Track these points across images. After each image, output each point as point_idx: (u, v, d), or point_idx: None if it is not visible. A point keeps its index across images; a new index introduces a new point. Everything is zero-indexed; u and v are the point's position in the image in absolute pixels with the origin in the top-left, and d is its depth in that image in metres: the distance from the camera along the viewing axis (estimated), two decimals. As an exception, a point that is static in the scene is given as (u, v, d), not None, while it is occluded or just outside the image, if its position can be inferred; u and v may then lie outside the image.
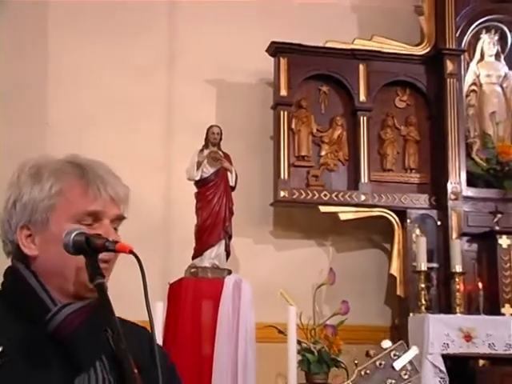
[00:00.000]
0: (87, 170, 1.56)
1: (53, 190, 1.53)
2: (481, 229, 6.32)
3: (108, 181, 1.56)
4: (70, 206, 1.52)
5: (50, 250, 1.52)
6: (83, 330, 1.48)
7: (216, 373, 5.24)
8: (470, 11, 6.70)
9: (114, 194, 1.55)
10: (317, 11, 6.58)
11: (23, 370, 1.43)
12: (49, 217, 1.53)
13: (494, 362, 5.73)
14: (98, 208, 1.52)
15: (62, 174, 1.55)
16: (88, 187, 1.53)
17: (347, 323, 5.86)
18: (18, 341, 1.46)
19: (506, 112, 6.89)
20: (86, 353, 1.48)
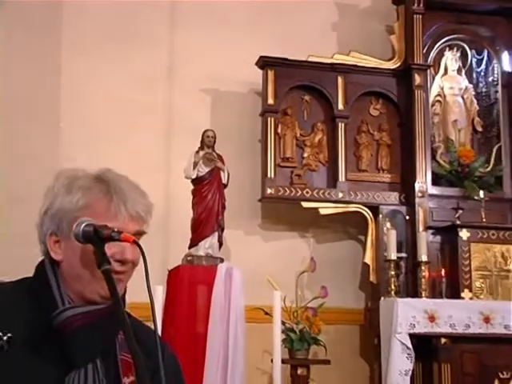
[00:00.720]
0: (112, 188, 1.55)
1: (80, 203, 1.53)
2: (444, 223, 6.31)
3: (131, 198, 1.55)
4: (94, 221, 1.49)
5: (71, 257, 1.53)
6: (82, 332, 1.47)
7: (209, 349, 5.20)
8: (435, 31, 6.70)
9: (135, 212, 1.55)
10: (300, 29, 6.56)
11: (24, 358, 1.43)
12: (72, 227, 1.50)
13: (454, 340, 5.67)
14: (117, 225, 1.49)
15: (89, 189, 1.55)
16: (111, 204, 1.53)
17: (326, 306, 5.88)
18: (27, 330, 1.47)
19: (466, 120, 6.87)
20: (80, 353, 1.47)
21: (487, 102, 6.94)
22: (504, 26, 6.85)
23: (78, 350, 1.46)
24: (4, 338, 1.42)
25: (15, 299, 1.54)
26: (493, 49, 6.88)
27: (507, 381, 5.70)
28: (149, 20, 6.50)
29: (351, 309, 6.36)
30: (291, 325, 5.66)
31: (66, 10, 6.39)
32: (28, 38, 6.20)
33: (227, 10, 6.55)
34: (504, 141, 6.74)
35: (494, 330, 5.69)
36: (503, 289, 6.14)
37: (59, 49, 6.34)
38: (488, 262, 6.16)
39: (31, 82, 6.13)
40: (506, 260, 6.19)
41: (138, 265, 1.54)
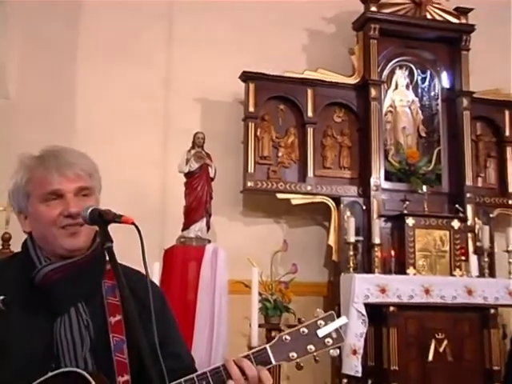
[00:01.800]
0: (46, 159, 1.53)
1: (24, 179, 1.53)
2: (394, 212, 6.29)
3: (63, 163, 1.52)
4: (37, 191, 1.51)
5: (35, 226, 1.53)
6: (61, 283, 1.47)
7: (198, 315, 5.20)
8: (388, 53, 6.67)
9: (71, 173, 1.51)
10: (277, 49, 6.48)
11: (18, 314, 1.44)
12: (27, 202, 1.54)
13: (400, 308, 5.69)
14: (54, 187, 1.49)
15: (28, 166, 1.54)
16: (45, 172, 1.50)
17: (296, 280, 5.86)
18: (18, 292, 1.47)
19: (412, 127, 6.87)
20: (61, 301, 1.47)
21: (430, 112, 6.93)
22: (443, 51, 6.84)
23: (58, 298, 1.46)
24: (1, 300, 1.43)
25: (6, 269, 1.54)
26: (434, 69, 6.87)
27: (442, 340, 5.72)
28: (149, 40, 6.42)
29: (317, 282, 6.33)
30: (267, 296, 5.63)
31: (82, 29, 6.29)
32: (46, 52, 6.05)
33: (216, 31, 6.47)
34: (443, 145, 6.74)
35: (432, 299, 5.73)
36: (440, 266, 6.15)
37: (74, 63, 6.23)
38: (429, 245, 6.17)
39: (48, 92, 6.00)
40: (443, 243, 6.20)
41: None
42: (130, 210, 1.51)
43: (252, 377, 1.37)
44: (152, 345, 1.31)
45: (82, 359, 1.42)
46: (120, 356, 1.45)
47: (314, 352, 1.43)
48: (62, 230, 1.48)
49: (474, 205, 6.52)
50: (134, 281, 1.50)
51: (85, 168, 1.56)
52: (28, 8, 6.07)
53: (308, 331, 1.44)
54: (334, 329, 1.45)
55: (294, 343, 1.43)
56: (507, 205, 6.83)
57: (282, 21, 6.63)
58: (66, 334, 1.43)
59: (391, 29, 6.59)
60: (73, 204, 1.48)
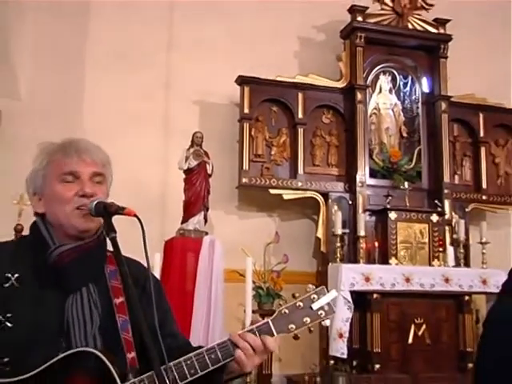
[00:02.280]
0: (66, 145, 1.53)
1: (43, 162, 1.52)
2: (378, 206, 6.26)
3: (83, 149, 1.52)
4: (55, 171, 1.50)
5: (50, 206, 1.50)
6: (74, 264, 1.44)
7: (196, 302, 5.18)
8: (373, 60, 6.63)
9: (87, 157, 1.51)
10: (270, 55, 6.42)
11: (31, 291, 1.42)
12: (45, 183, 1.52)
13: (383, 296, 5.68)
14: (72, 168, 1.48)
15: (49, 151, 1.54)
16: (65, 155, 1.50)
17: (287, 269, 5.85)
18: (31, 270, 1.45)
19: (395, 128, 6.85)
20: (73, 280, 1.45)
21: (411, 114, 6.90)
22: (423, 58, 6.81)
23: (71, 278, 1.44)
24: (13, 278, 1.41)
25: (18, 249, 1.51)
26: (415, 75, 6.84)
27: (420, 325, 5.75)
28: (151, 45, 6.35)
29: (306, 272, 6.28)
30: (260, 284, 5.63)
31: (89, 34, 6.23)
32: (55, 56, 6.00)
33: (213, 38, 6.41)
34: (423, 144, 6.72)
35: (412, 287, 5.72)
36: (420, 257, 6.13)
37: (82, 67, 6.17)
38: (409, 237, 6.14)
39: (57, 93, 5.92)
40: (422, 235, 6.18)
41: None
42: (133, 204, 1.46)
43: (257, 346, 1.41)
44: (152, 326, 1.31)
45: (91, 337, 1.41)
46: (126, 335, 1.45)
47: (309, 323, 1.47)
48: (76, 211, 1.45)
49: (451, 200, 6.51)
50: (133, 269, 1.50)
51: (100, 157, 1.55)
52: (39, 15, 6.02)
53: (303, 305, 1.48)
54: (326, 302, 1.50)
55: (291, 316, 1.46)
56: (481, 200, 6.83)
57: (275, 29, 6.58)
58: (78, 312, 1.42)
59: (376, 37, 6.56)
60: (88, 185, 1.47)
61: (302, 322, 1.45)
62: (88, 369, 1.32)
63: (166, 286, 5.02)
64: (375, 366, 5.52)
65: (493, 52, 7.22)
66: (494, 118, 7.01)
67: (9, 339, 1.34)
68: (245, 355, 1.39)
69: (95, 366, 1.32)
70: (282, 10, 6.61)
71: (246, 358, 1.39)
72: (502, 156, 7.06)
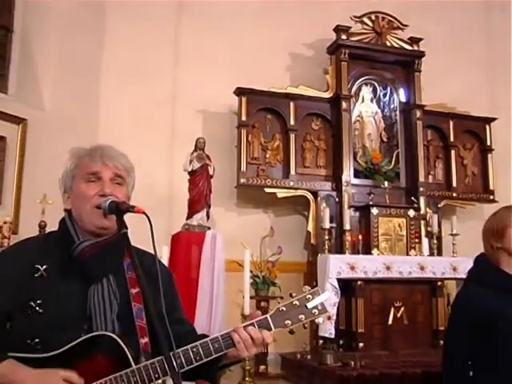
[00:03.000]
0: (93, 150, 1.53)
1: (73, 165, 1.53)
2: (361, 203, 6.21)
3: (107, 155, 1.52)
4: (81, 172, 1.51)
5: (75, 203, 1.51)
6: (94, 258, 1.44)
7: (200, 289, 5.15)
8: (356, 73, 6.59)
9: (110, 162, 1.51)
10: (265, 69, 6.34)
11: (57, 281, 1.42)
12: (73, 182, 1.52)
13: (366, 282, 5.64)
14: (95, 169, 1.49)
15: (78, 155, 1.54)
16: (91, 158, 1.51)
17: (281, 260, 5.81)
18: (57, 262, 1.45)
19: (376, 133, 6.80)
20: (94, 273, 1.45)
21: (390, 121, 6.84)
22: (400, 72, 6.76)
23: (93, 269, 1.44)
24: (42, 269, 1.42)
25: (47, 243, 1.51)
26: (393, 86, 6.79)
27: (399, 308, 5.73)
28: (160, 61, 6.30)
29: (298, 262, 6.24)
30: (257, 273, 5.58)
31: (105, 51, 6.19)
32: (75, 72, 5.90)
33: (215, 54, 6.34)
34: (400, 148, 6.67)
35: (392, 274, 5.68)
36: (399, 248, 6.09)
37: (98, 81, 6.12)
38: (389, 230, 6.10)
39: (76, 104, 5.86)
40: (401, 228, 6.14)
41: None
42: (143, 202, 1.46)
43: (257, 338, 1.40)
44: (160, 312, 1.32)
45: (110, 322, 1.41)
46: (140, 321, 1.44)
47: (304, 320, 1.45)
48: (95, 209, 1.45)
49: (426, 197, 6.47)
50: (147, 260, 1.50)
51: (123, 163, 1.55)
52: (62, 34, 5.96)
53: (299, 304, 1.45)
54: (320, 302, 1.46)
55: (288, 313, 1.44)
56: (452, 197, 6.82)
57: (269, 46, 6.49)
58: (99, 300, 1.42)
59: (358, 53, 6.50)
60: (107, 186, 1.47)
61: (297, 319, 1.43)
62: (106, 350, 1.33)
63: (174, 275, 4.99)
64: (359, 344, 5.49)
65: (462, 66, 7.21)
66: (463, 124, 6.99)
67: (39, 323, 1.35)
68: (245, 345, 1.39)
69: (112, 348, 1.33)
70: (275, 29, 6.54)
71: (245, 347, 1.39)
72: (469, 158, 7.05)
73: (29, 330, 1.35)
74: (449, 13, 7.29)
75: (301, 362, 5.32)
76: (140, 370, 1.32)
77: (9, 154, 5.54)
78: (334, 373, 4.70)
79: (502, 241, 2.01)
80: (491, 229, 2.05)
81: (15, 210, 5.47)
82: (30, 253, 1.45)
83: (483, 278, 2.01)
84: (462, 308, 2.03)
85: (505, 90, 7.39)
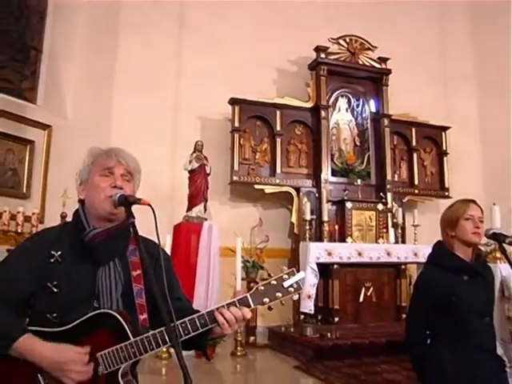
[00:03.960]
0: (109, 150, 1.53)
1: (90, 160, 1.52)
2: (337, 198, 6.19)
3: (121, 154, 1.52)
4: (98, 167, 1.50)
5: (89, 193, 1.49)
6: (102, 244, 1.43)
7: (198, 272, 5.12)
8: (333, 87, 6.58)
9: (122, 159, 1.50)
10: (255, 82, 6.30)
11: (70, 265, 1.41)
12: (89, 176, 1.50)
13: (342, 266, 5.64)
14: (109, 165, 1.48)
15: (96, 153, 1.53)
16: (107, 156, 1.51)
17: (268, 247, 5.77)
18: (71, 248, 1.44)
19: (350, 138, 6.79)
20: (102, 257, 1.44)
21: (362, 128, 6.82)
22: (370, 86, 6.77)
23: (101, 254, 1.43)
24: (56, 255, 1.41)
25: (62, 231, 1.49)
26: (365, 98, 6.78)
27: (369, 287, 5.76)
28: (164, 75, 6.24)
29: (283, 248, 6.22)
30: (247, 258, 5.52)
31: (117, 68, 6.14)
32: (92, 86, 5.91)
33: (212, 69, 6.28)
34: (371, 151, 6.67)
35: (363, 259, 5.69)
36: (369, 236, 6.10)
37: (112, 93, 6.07)
38: (361, 221, 6.10)
39: (93, 113, 5.82)
40: (371, 220, 6.15)
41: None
42: (149, 197, 1.41)
43: (238, 316, 1.38)
44: (162, 290, 1.32)
45: (115, 300, 1.41)
46: (140, 300, 1.43)
47: (281, 298, 1.41)
48: (107, 198, 1.44)
49: (392, 193, 6.47)
50: (150, 247, 1.48)
51: (132, 163, 1.54)
52: (82, 52, 5.94)
53: (277, 283, 1.41)
54: (295, 281, 1.41)
55: (266, 292, 1.40)
56: (414, 193, 6.84)
57: (258, 62, 6.45)
58: (106, 280, 1.42)
59: (335, 70, 6.50)
60: (119, 180, 1.47)
61: (274, 297, 1.39)
62: (109, 326, 1.34)
63: (175, 260, 4.93)
64: (335, 318, 5.50)
65: (422, 82, 7.23)
66: (423, 131, 7.01)
67: (56, 300, 1.37)
68: (227, 322, 1.36)
69: (114, 324, 1.34)
70: (264, 48, 6.50)
71: (228, 326, 1.37)
72: (428, 160, 7.07)
73: (48, 306, 1.36)
74: (410, 36, 7.33)
75: (285, 333, 5.30)
76: (137, 343, 1.32)
77: (36, 156, 5.60)
78: (313, 343, 4.71)
79: (455, 230, 2.02)
80: (447, 220, 2.06)
81: (41, 202, 5.53)
82: (47, 241, 1.45)
83: (440, 262, 2.03)
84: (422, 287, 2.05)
85: (458, 102, 7.48)
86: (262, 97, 6.20)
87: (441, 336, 1.95)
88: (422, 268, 2.15)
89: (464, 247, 2.02)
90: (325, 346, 4.62)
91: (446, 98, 7.54)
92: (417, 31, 7.44)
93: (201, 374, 3.87)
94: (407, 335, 2.06)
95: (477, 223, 2.01)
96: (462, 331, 1.91)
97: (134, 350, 1.31)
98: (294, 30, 6.72)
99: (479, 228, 2.00)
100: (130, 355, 1.32)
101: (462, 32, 7.81)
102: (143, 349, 1.32)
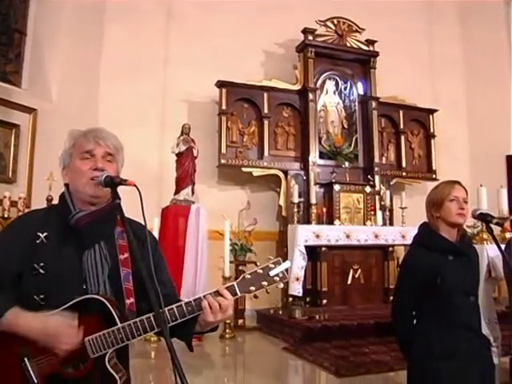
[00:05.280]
0: (87, 132, 1.48)
1: (70, 144, 1.49)
2: (325, 181, 6.14)
3: (99, 135, 1.47)
4: (77, 151, 1.46)
5: (72, 177, 1.46)
6: (88, 226, 1.41)
7: (186, 255, 5.10)
8: (321, 69, 6.49)
9: (102, 141, 1.46)
10: (242, 65, 6.19)
11: (56, 247, 1.39)
12: (70, 160, 1.48)
13: (330, 248, 5.65)
14: (89, 148, 1.45)
15: (74, 136, 1.49)
16: (85, 138, 1.47)
17: (256, 230, 5.77)
18: (57, 230, 1.42)
19: (338, 121, 6.72)
20: (88, 240, 1.42)
21: (350, 111, 6.75)
22: (358, 68, 6.68)
23: (87, 237, 1.41)
24: (43, 236, 1.40)
25: (48, 214, 1.47)
26: (353, 80, 6.69)
27: (357, 270, 5.80)
28: (151, 60, 6.15)
29: (271, 231, 6.18)
30: (235, 241, 5.50)
31: (104, 53, 6.05)
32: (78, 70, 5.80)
33: (199, 52, 6.17)
34: (359, 133, 6.62)
35: (351, 242, 5.71)
36: (357, 219, 6.09)
37: (98, 77, 5.98)
38: (349, 204, 6.09)
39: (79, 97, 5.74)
40: (359, 202, 6.14)
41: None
42: (136, 180, 1.35)
43: (223, 305, 1.37)
44: (149, 272, 1.30)
45: (102, 283, 1.39)
46: (127, 284, 1.41)
47: (266, 286, 1.40)
48: (90, 181, 1.41)
49: (380, 176, 6.44)
50: (136, 228, 1.45)
51: (113, 142, 1.49)
52: (67, 36, 5.77)
53: (263, 272, 1.40)
54: (281, 270, 1.40)
55: (253, 280, 1.39)
56: (401, 176, 6.82)
57: (246, 45, 6.31)
58: (92, 263, 1.40)
59: (322, 52, 6.39)
60: (99, 162, 1.44)
61: (260, 285, 1.38)
62: (96, 310, 1.32)
63: (163, 244, 4.90)
64: (323, 300, 5.51)
65: (409, 65, 7.13)
66: (410, 114, 6.96)
67: (43, 282, 1.35)
68: (210, 308, 1.35)
69: (101, 309, 1.33)
70: (251, 31, 6.36)
71: (210, 309, 1.35)
72: (416, 143, 7.04)
73: (35, 288, 1.35)
74: (398, 21, 7.20)
75: (273, 316, 5.29)
76: (125, 328, 1.31)
77: (22, 140, 5.48)
78: (301, 325, 4.69)
79: (440, 211, 2.01)
80: (432, 201, 2.04)
81: (28, 187, 5.40)
82: (33, 223, 1.43)
83: (425, 242, 2.02)
84: (408, 267, 2.04)
85: (446, 86, 7.45)
86: (249, 79, 6.09)
87: (427, 316, 1.95)
88: (409, 248, 2.15)
89: (449, 228, 2.01)
90: (313, 327, 4.62)
91: (434, 81, 7.50)
92: (405, 14, 7.34)
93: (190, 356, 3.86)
94: (394, 316, 2.05)
95: (461, 204, 1.99)
96: (448, 311, 1.91)
97: (121, 336, 1.31)
98: (282, 12, 6.55)
99: (464, 209, 1.99)
100: (118, 340, 1.31)
101: (450, 16, 7.75)
102: (131, 334, 1.31)
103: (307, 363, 3.95)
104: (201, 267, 5.03)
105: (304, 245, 5.43)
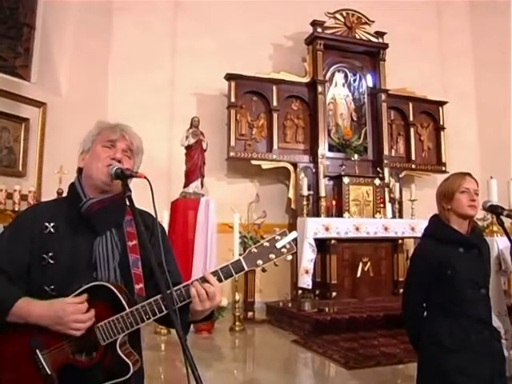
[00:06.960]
0: (115, 125, 1.51)
1: (96, 131, 1.51)
2: (334, 173, 6.12)
3: (125, 130, 1.49)
4: (101, 138, 1.48)
5: (89, 161, 1.47)
6: (99, 213, 1.41)
7: (196, 248, 5.11)
8: (330, 61, 6.44)
9: (126, 135, 1.48)
10: (251, 57, 6.17)
11: (65, 236, 1.40)
12: (92, 145, 1.49)
13: (339, 241, 5.62)
14: (113, 137, 1.46)
15: (102, 125, 1.51)
16: (112, 130, 1.49)
17: (266, 222, 5.76)
18: (66, 219, 1.42)
19: (347, 113, 6.68)
20: (100, 226, 1.42)
21: (359, 103, 6.70)
22: (367, 61, 6.62)
23: (98, 224, 1.41)
24: (50, 226, 1.40)
25: (57, 205, 1.48)
26: (362, 73, 6.63)
27: (366, 262, 5.77)
28: (160, 52, 6.14)
29: (280, 224, 5.94)
30: (245, 233, 5.50)
31: (113, 45, 6.08)
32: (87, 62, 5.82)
33: (208, 45, 6.16)
34: (368, 126, 6.57)
35: (361, 234, 5.68)
36: (366, 211, 6.05)
37: (107, 70, 6.01)
38: (359, 196, 6.05)
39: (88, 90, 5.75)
40: (368, 195, 6.09)
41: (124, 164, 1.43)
42: (146, 173, 1.36)
43: (211, 292, 1.33)
44: (159, 260, 1.31)
45: (112, 270, 1.40)
46: (136, 270, 1.41)
47: (274, 259, 1.35)
48: (105, 168, 1.41)
49: (389, 168, 6.40)
50: (145, 218, 1.48)
51: (137, 142, 1.51)
52: (76, 28, 5.79)
53: (269, 244, 1.35)
54: (288, 241, 1.35)
55: (259, 254, 1.35)
56: (411, 168, 6.76)
57: (254, 37, 6.28)
58: (103, 250, 1.40)
59: (332, 44, 6.34)
60: (119, 153, 1.45)
61: (268, 258, 1.33)
62: (105, 297, 1.33)
63: (173, 236, 4.91)
64: (332, 293, 5.49)
65: (419, 57, 7.05)
66: (420, 106, 6.88)
67: (53, 272, 1.35)
68: (199, 299, 1.32)
69: (110, 295, 1.33)
70: (260, 23, 6.32)
71: (199, 301, 1.32)
72: (425, 135, 6.96)
73: (45, 278, 1.35)
74: (407, 11, 7.12)
75: (283, 309, 5.30)
76: (133, 313, 1.31)
77: (32, 133, 5.49)
78: (311, 317, 4.69)
79: (451, 203, 1.98)
80: (443, 193, 2.02)
81: (38, 180, 5.44)
82: (41, 214, 1.43)
83: (436, 234, 1.99)
84: (418, 259, 2.02)
85: (455, 77, 7.35)
86: (258, 72, 6.06)
87: (437, 308, 1.94)
88: (419, 241, 2.13)
89: (460, 220, 1.98)
90: (322, 320, 4.61)
91: (443, 73, 7.40)
92: (414, 6, 7.24)
93: (200, 349, 3.89)
94: (404, 308, 2.04)
95: (472, 196, 1.96)
96: (458, 303, 1.90)
97: (130, 320, 1.30)
98: (291, 4, 6.50)
99: (475, 201, 1.96)
100: (127, 325, 1.31)
101: (459, 7, 7.63)
102: (140, 318, 1.31)
103: (317, 356, 3.95)
104: (210, 260, 5.05)
105: (313, 237, 5.41)
